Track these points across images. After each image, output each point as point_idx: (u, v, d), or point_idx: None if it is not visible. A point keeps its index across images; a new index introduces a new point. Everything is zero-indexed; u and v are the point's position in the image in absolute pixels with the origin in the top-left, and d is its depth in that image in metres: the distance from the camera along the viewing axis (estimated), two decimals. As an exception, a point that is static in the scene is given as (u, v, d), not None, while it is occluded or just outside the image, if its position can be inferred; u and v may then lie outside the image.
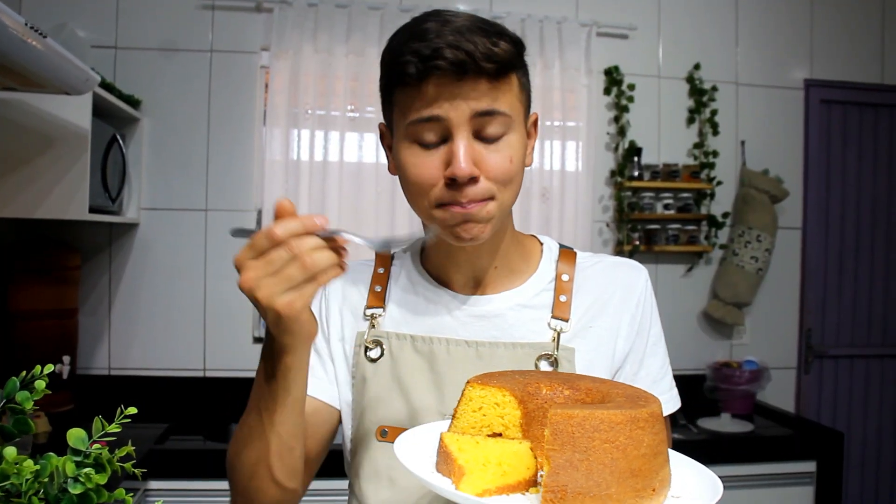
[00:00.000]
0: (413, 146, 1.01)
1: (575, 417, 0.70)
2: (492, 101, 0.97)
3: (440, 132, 0.98)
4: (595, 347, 1.10)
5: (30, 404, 0.84)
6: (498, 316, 1.11)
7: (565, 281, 1.13)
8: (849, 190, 3.70)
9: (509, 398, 0.83)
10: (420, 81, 0.96)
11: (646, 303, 1.14)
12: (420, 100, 0.97)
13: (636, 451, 0.71)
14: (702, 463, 0.86)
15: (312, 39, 3.10)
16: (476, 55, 0.94)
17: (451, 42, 0.94)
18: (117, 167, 2.83)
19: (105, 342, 3.09)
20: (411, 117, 0.99)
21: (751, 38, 3.57)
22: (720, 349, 3.56)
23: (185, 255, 3.14)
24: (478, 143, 0.99)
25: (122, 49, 3.09)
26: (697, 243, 3.45)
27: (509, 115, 0.99)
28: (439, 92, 0.96)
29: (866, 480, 3.69)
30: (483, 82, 0.96)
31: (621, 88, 3.38)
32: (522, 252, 1.16)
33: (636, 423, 0.72)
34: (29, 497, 0.77)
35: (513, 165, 1.01)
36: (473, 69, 0.95)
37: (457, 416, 0.85)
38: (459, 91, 0.96)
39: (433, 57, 0.93)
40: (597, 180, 3.40)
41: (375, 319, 1.14)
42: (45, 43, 1.78)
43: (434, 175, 0.99)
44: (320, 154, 3.10)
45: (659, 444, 0.75)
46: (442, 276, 1.15)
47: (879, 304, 3.74)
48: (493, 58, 0.95)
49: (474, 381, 0.85)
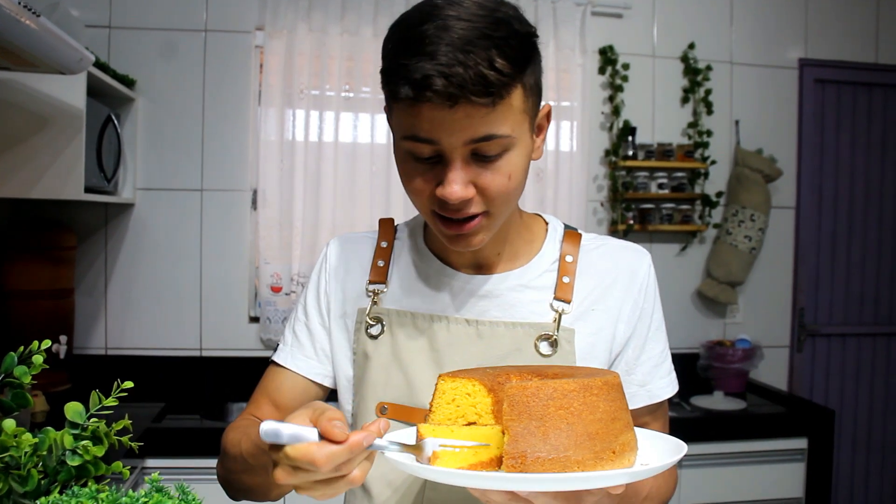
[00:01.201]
0: (408, 156, 0.98)
1: (529, 388, 0.75)
2: (489, 126, 0.91)
3: (436, 152, 0.94)
4: (596, 331, 1.11)
5: (28, 378, 0.85)
6: (500, 296, 1.11)
7: (569, 262, 1.13)
8: (842, 170, 3.71)
9: (479, 387, 0.86)
10: (414, 103, 0.90)
11: (649, 288, 1.14)
12: (415, 119, 0.92)
13: (591, 415, 0.75)
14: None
15: (307, 19, 3.09)
16: (468, 86, 0.87)
17: (442, 69, 0.86)
18: (112, 147, 2.83)
19: (101, 322, 3.11)
20: (406, 133, 0.95)
21: (745, 18, 3.57)
22: (713, 328, 3.58)
23: (180, 234, 3.15)
24: (475, 164, 0.95)
25: (116, 29, 3.08)
26: (691, 222, 3.47)
27: (509, 136, 0.94)
28: (433, 117, 0.90)
29: (857, 457, 3.73)
30: (479, 108, 0.90)
31: (616, 68, 3.38)
32: (527, 232, 1.16)
33: (589, 390, 0.76)
34: (28, 469, 0.79)
35: (511, 182, 0.97)
36: (466, 101, 0.88)
37: (432, 410, 0.87)
38: (454, 118, 0.89)
39: (423, 86, 0.87)
40: (591, 160, 3.40)
41: (377, 296, 1.14)
42: (39, 22, 1.78)
43: (427, 188, 0.97)
44: (315, 134, 3.11)
45: (616, 410, 0.78)
46: (443, 254, 1.15)
47: (872, 283, 3.76)
48: (489, 87, 0.88)
49: (445, 375, 0.88)
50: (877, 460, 3.76)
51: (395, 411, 1.10)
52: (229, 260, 3.18)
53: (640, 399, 1.13)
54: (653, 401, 1.14)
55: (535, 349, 1.08)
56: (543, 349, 1.08)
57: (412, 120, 0.92)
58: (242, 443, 1.01)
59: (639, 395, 1.13)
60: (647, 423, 1.15)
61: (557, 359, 1.08)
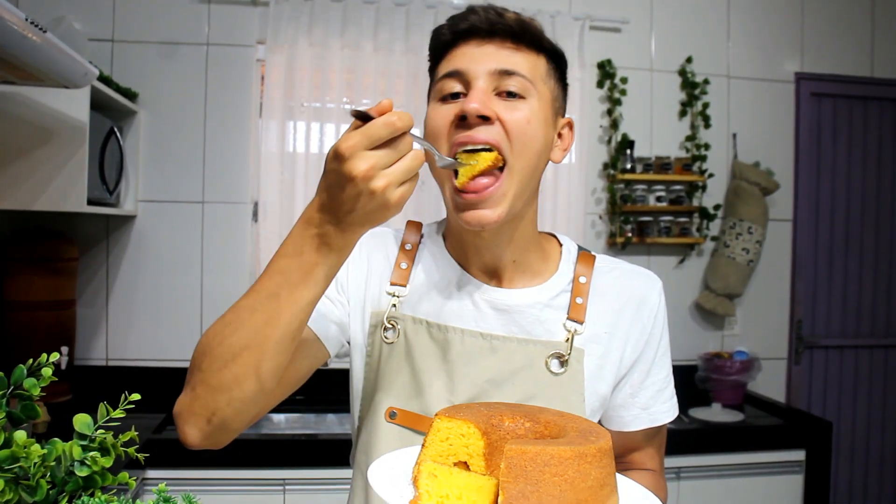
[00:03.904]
0: (436, 102, 1.05)
1: (528, 453, 0.77)
2: (514, 63, 1.03)
3: (462, 86, 1.03)
4: (605, 353, 1.13)
5: (37, 390, 0.87)
6: (518, 312, 1.12)
7: (582, 283, 1.15)
8: (839, 182, 3.73)
9: (473, 430, 0.88)
10: (453, 42, 1.05)
11: (658, 314, 1.17)
12: (449, 59, 1.06)
13: (583, 483, 0.78)
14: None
15: (308, 33, 3.12)
16: (506, 17, 1.03)
17: (478, 13, 1.03)
18: (115, 160, 2.85)
19: (103, 333, 3.12)
20: (439, 75, 1.05)
21: (742, 32, 3.60)
22: (711, 340, 3.59)
23: (181, 246, 3.16)
24: (497, 98, 1.03)
25: (119, 42, 3.11)
26: (689, 235, 3.49)
27: (530, 79, 1.03)
28: (465, 51, 1.04)
29: (855, 469, 3.73)
30: (508, 44, 1.03)
31: (614, 82, 3.41)
32: (541, 250, 1.17)
33: (584, 458, 0.79)
34: (37, 479, 0.80)
35: (529, 127, 1.02)
36: (501, 29, 1.02)
37: (426, 446, 0.89)
38: (484, 51, 1.03)
39: (465, 13, 1.03)
40: (589, 173, 3.43)
41: (397, 299, 1.15)
42: (45, 38, 1.80)
43: (448, 121, 1.02)
44: (316, 146, 3.13)
45: (605, 476, 0.81)
46: (462, 261, 1.17)
47: (869, 295, 3.78)
48: (523, 24, 1.03)
49: (442, 413, 0.89)
50: (875, 472, 3.76)
51: (403, 417, 1.11)
52: (230, 272, 3.19)
53: (642, 422, 1.16)
54: (654, 424, 1.16)
55: (545, 366, 1.10)
56: (554, 367, 1.10)
57: (447, 63, 1.06)
58: (249, 290, 0.95)
59: (641, 418, 1.15)
60: (645, 446, 1.18)
61: (566, 377, 1.09)
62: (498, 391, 1.09)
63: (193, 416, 0.95)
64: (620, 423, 1.16)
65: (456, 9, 3.23)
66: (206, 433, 0.96)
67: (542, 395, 1.09)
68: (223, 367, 0.91)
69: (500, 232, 1.09)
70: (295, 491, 2.59)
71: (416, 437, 1.09)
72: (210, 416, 0.94)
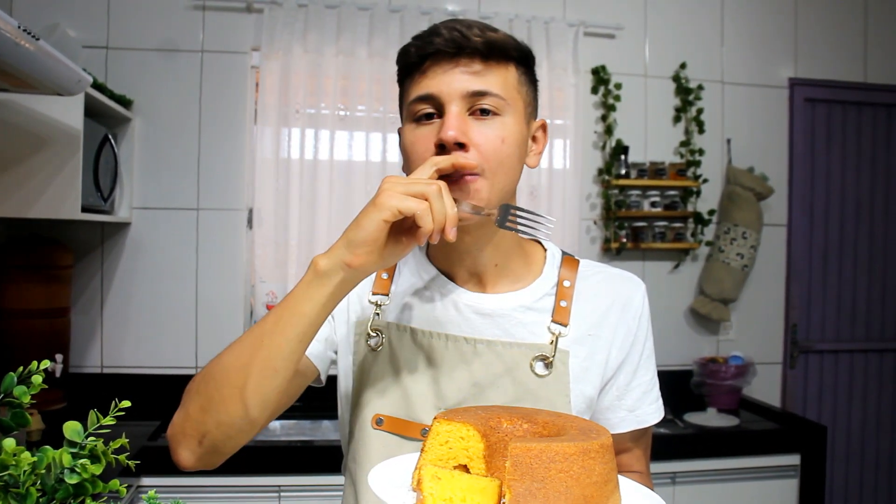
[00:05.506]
0: (412, 125, 1.06)
1: (533, 450, 0.78)
2: (485, 82, 1.03)
3: (436, 109, 1.04)
4: (590, 355, 1.13)
5: (27, 398, 0.86)
6: (502, 316, 1.13)
7: (566, 287, 1.16)
8: (833, 187, 3.74)
9: (473, 432, 0.88)
10: (420, 64, 1.04)
11: (642, 317, 1.18)
12: (419, 82, 1.05)
13: (588, 479, 0.78)
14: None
15: (302, 40, 3.12)
16: (470, 35, 1.01)
17: (448, 24, 1.03)
18: (109, 167, 2.85)
19: (97, 341, 3.11)
20: (411, 97, 1.05)
21: (736, 38, 3.61)
22: (707, 345, 3.60)
23: (176, 253, 3.16)
24: (471, 119, 1.03)
25: (113, 49, 3.11)
26: (684, 240, 3.49)
27: (503, 97, 1.04)
28: (435, 72, 1.03)
29: (850, 473, 3.74)
30: (477, 62, 1.03)
31: (608, 87, 3.42)
32: (524, 255, 1.18)
33: (588, 454, 0.79)
34: (27, 488, 0.80)
35: (504, 146, 1.04)
36: (468, 48, 1.01)
37: (425, 450, 0.89)
38: (454, 71, 1.02)
39: (430, 35, 1.03)
40: (584, 178, 3.43)
41: (380, 308, 1.16)
42: (38, 45, 1.80)
43: (427, 147, 1.03)
44: (311, 153, 3.12)
45: (609, 472, 0.81)
46: (445, 268, 1.17)
47: (863, 300, 3.79)
48: (488, 40, 1.02)
49: (441, 417, 0.90)
50: (870, 476, 3.77)
51: (390, 424, 1.11)
52: (225, 278, 3.19)
53: (629, 423, 1.16)
54: (640, 426, 1.17)
55: (530, 369, 1.10)
56: (539, 369, 1.10)
57: (417, 86, 1.05)
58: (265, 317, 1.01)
59: (627, 420, 1.16)
60: (631, 448, 1.19)
61: (552, 379, 1.10)
62: (484, 395, 1.09)
63: (186, 438, 0.99)
64: (607, 425, 1.16)
65: (449, 15, 3.24)
66: (198, 455, 1.00)
67: (527, 398, 1.09)
68: (216, 388, 0.97)
69: (480, 236, 1.10)
70: (290, 498, 2.58)
71: (403, 443, 1.10)
72: (201, 438, 0.98)
